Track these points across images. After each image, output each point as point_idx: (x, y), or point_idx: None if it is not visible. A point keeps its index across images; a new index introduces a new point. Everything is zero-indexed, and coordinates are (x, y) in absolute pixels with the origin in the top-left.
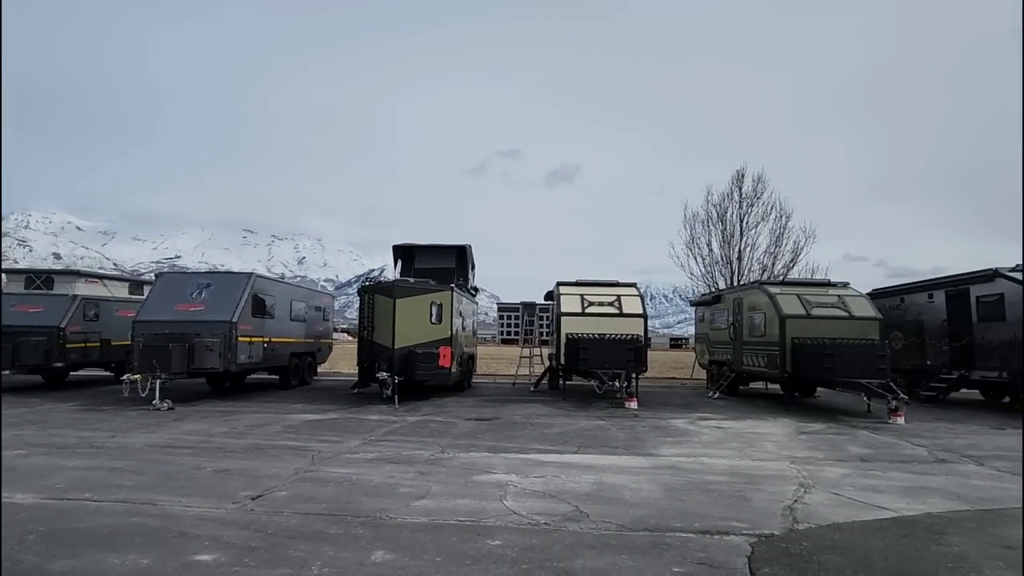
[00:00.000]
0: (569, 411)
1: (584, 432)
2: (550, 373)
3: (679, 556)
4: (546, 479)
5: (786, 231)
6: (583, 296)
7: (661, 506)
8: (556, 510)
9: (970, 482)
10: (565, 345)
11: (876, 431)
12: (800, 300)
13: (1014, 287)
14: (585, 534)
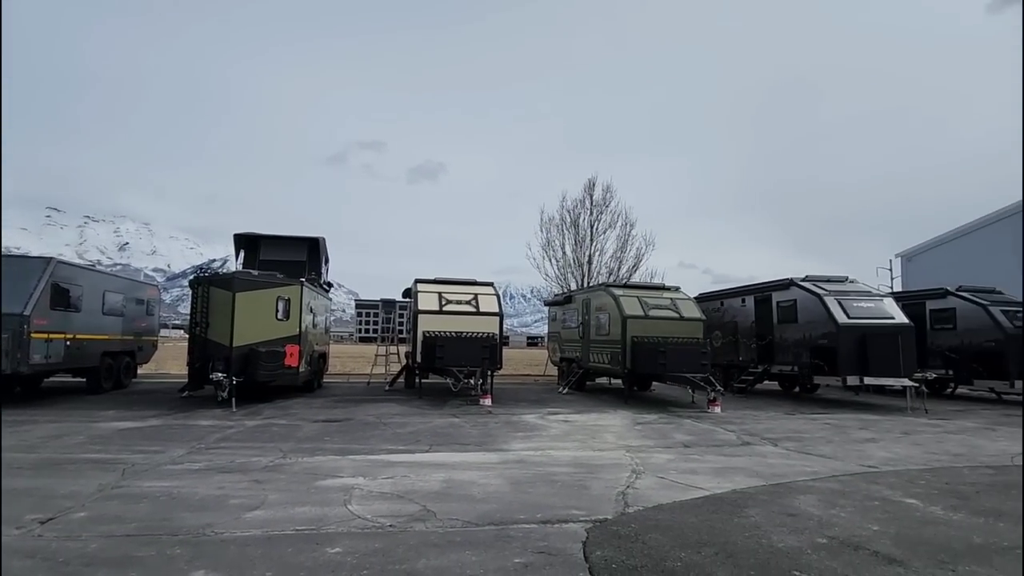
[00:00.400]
0: (424, 410)
1: (437, 430)
2: (406, 371)
3: (521, 547)
4: (395, 480)
5: (630, 238)
6: (441, 294)
7: (507, 500)
8: (403, 511)
9: (766, 461)
10: (422, 343)
11: (698, 419)
12: (640, 302)
13: (805, 294)
14: (431, 533)
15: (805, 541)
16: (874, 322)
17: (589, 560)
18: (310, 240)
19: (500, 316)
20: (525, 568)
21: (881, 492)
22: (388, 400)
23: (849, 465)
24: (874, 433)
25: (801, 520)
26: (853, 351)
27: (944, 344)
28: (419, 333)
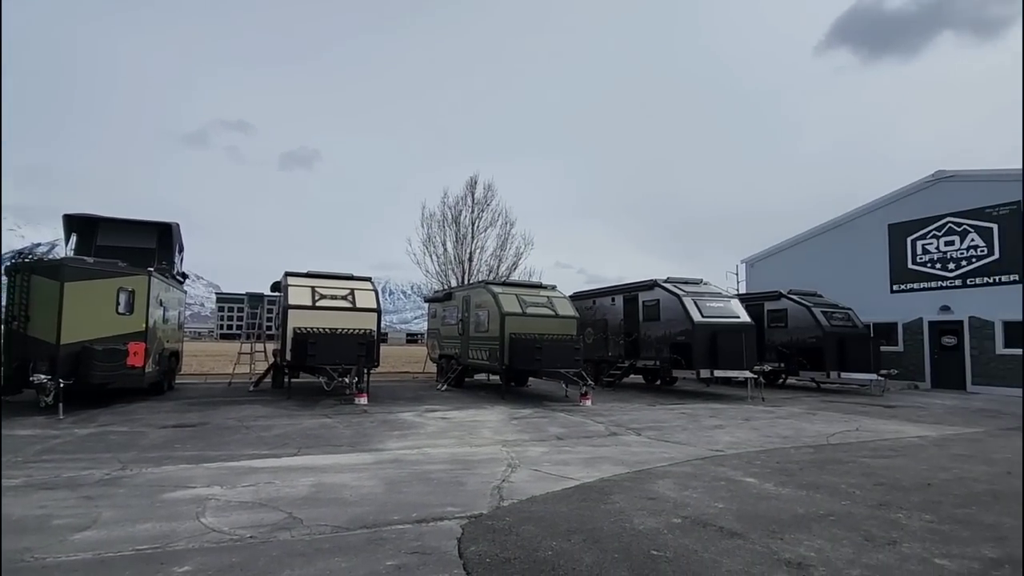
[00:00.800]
0: (293, 411)
1: (307, 432)
2: (274, 371)
3: (394, 549)
4: (257, 488)
5: (510, 237)
6: (314, 288)
7: (381, 501)
8: (266, 520)
9: (631, 449)
10: (292, 340)
11: (570, 413)
12: (518, 300)
13: (667, 294)
14: (297, 542)
15: (662, 522)
16: (723, 320)
17: (463, 556)
18: (161, 225)
19: (378, 312)
20: (398, 570)
21: (726, 473)
22: (252, 401)
23: (700, 450)
24: (721, 420)
25: (659, 503)
26: (706, 347)
27: (777, 340)
28: (289, 329)
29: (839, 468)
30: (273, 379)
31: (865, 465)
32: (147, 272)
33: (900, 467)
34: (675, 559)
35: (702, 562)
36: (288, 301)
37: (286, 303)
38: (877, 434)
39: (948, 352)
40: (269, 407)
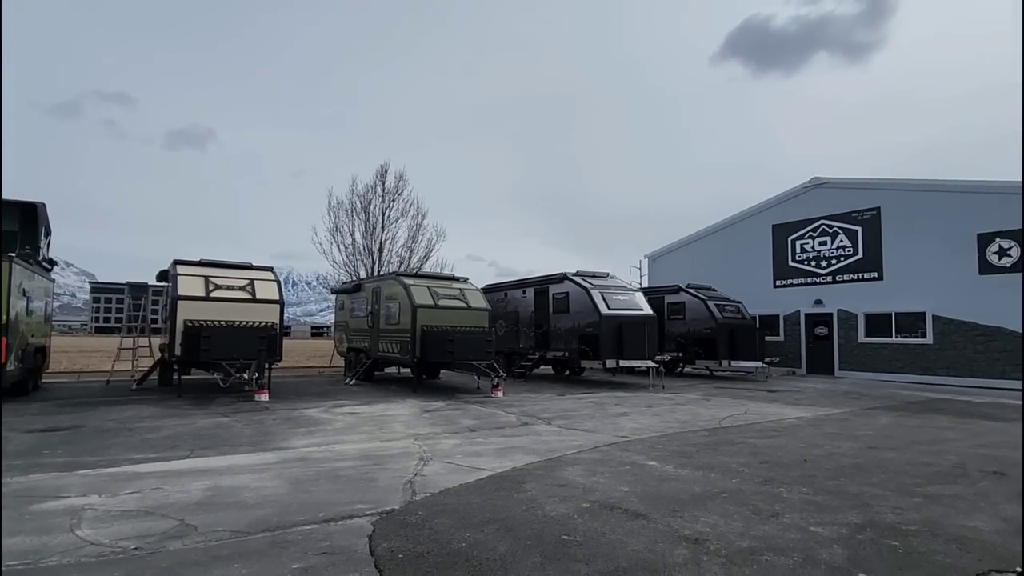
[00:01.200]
0: (184, 410)
1: (201, 432)
2: (161, 367)
3: (300, 551)
4: (142, 494)
5: (422, 228)
6: (208, 278)
7: (286, 502)
8: (154, 529)
9: (542, 439)
10: (183, 333)
11: (482, 404)
12: (430, 292)
13: (576, 287)
14: (190, 551)
15: (572, 508)
16: (628, 313)
17: (375, 554)
18: (24, 205)
19: (281, 304)
20: (305, 572)
21: (631, 458)
22: (136, 401)
23: (607, 437)
24: (626, 408)
25: (570, 489)
26: (612, 338)
27: (676, 331)
28: (179, 322)
29: (730, 449)
30: (160, 376)
31: (752, 445)
32: (8, 258)
33: (781, 446)
34: (585, 542)
35: (610, 543)
36: (177, 291)
37: (175, 293)
38: (762, 416)
39: (820, 341)
40: (156, 407)
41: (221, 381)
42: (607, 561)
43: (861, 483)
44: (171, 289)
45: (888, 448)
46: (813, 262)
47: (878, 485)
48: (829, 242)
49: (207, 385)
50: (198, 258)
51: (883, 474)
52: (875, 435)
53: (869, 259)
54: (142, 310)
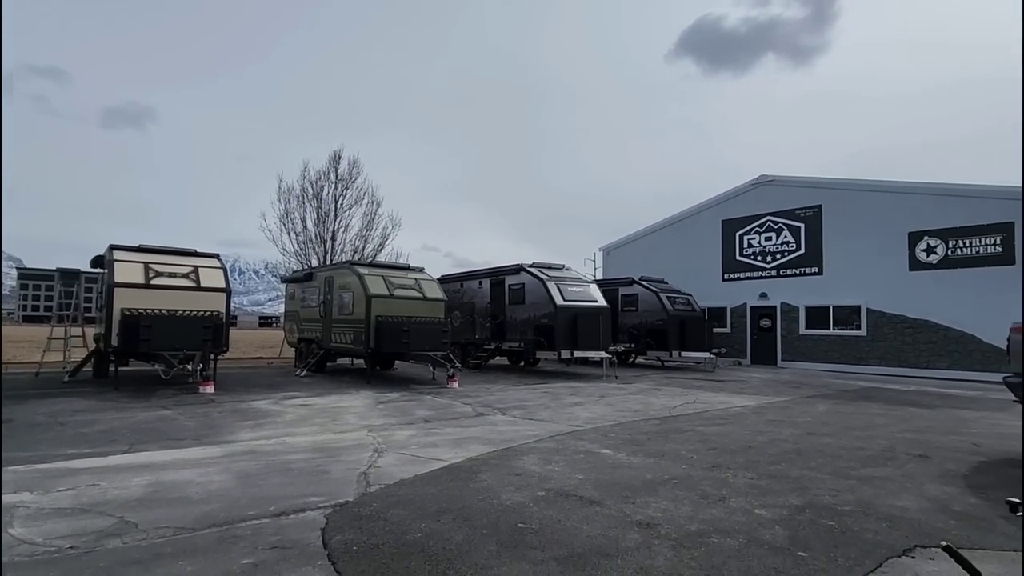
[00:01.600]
0: (122, 403)
1: (141, 426)
2: (96, 358)
3: (250, 546)
4: (78, 491)
5: (377, 217)
6: (148, 265)
7: (234, 496)
8: (91, 527)
9: (497, 428)
10: (120, 323)
11: (438, 395)
12: (385, 281)
13: (532, 279)
14: (131, 548)
15: (528, 496)
16: (583, 304)
17: (328, 546)
18: None
19: (227, 292)
20: (255, 568)
21: (585, 446)
22: (69, 394)
23: (562, 426)
24: (580, 398)
25: (525, 478)
26: (567, 329)
27: (629, 322)
28: (115, 311)
29: (680, 436)
30: (94, 368)
31: (701, 433)
32: None
33: (728, 433)
34: (540, 529)
35: (565, 530)
36: (114, 278)
37: (112, 280)
38: (710, 405)
39: (765, 333)
40: (90, 399)
41: (163, 373)
42: (562, 547)
43: (801, 467)
44: (107, 276)
45: (825, 434)
46: (759, 257)
47: (816, 469)
48: (774, 238)
49: (147, 377)
50: (137, 244)
51: (821, 458)
52: (813, 422)
53: (810, 255)
54: (74, 298)
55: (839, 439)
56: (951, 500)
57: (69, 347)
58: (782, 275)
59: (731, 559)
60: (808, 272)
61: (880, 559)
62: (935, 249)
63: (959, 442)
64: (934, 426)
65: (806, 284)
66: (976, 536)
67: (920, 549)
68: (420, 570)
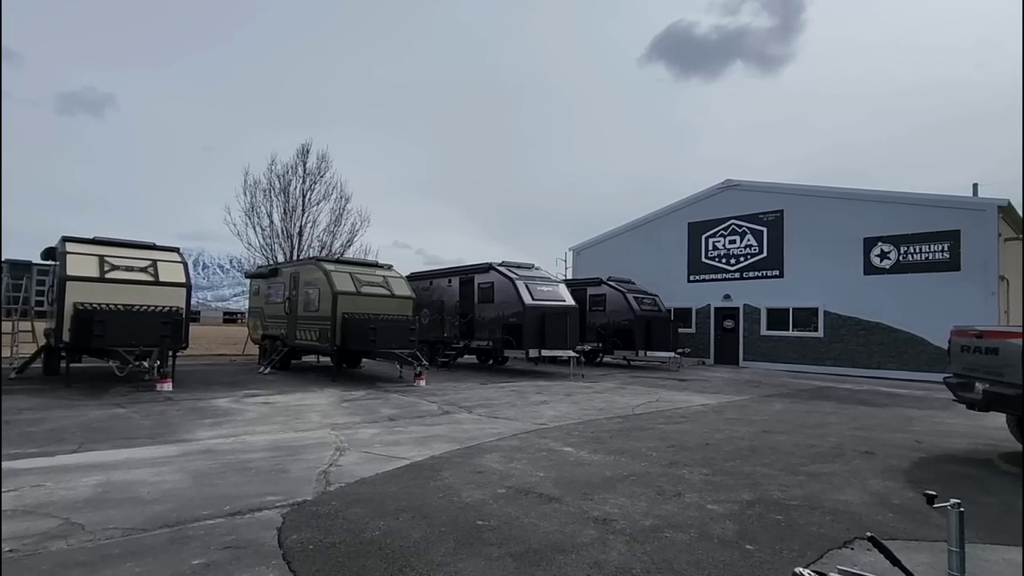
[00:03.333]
0: (72, 400)
1: (93, 424)
2: (46, 354)
3: (202, 546)
4: (20, 492)
5: (345, 212)
6: (103, 258)
7: (187, 496)
8: (33, 529)
9: (462, 427)
10: (72, 318)
11: (404, 393)
12: (352, 278)
13: (501, 278)
14: (75, 551)
15: (488, 493)
16: (551, 304)
17: (284, 546)
18: None
19: (187, 287)
20: (206, 568)
21: (548, 444)
22: (16, 391)
23: (526, 424)
24: (546, 396)
25: (487, 476)
26: (535, 328)
27: (597, 322)
28: (67, 305)
29: (641, 434)
30: (45, 364)
31: (661, 431)
32: None
33: (687, 431)
34: (498, 527)
35: (523, 526)
36: (67, 271)
37: (63, 274)
38: (672, 404)
39: (728, 333)
40: (39, 397)
41: (117, 370)
42: (519, 543)
43: (754, 464)
44: (59, 269)
45: (780, 432)
46: (723, 259)
47: (768, 465)
48: (738, 241)
49: (101, 374)
50: (92, 235)
51: (774, 455)
52: (770, 420)
53: (772, 258)
54: (23, 291)
55: (792, 436)
56: (891, 494)
57: (17, 342)
58: (745, 277)
59: (682, 552)
60: (770, 275)
61: (821, 550)
62: (888, 255)
63: (903, 439)
64: (881, 424)
65: (768, 286)
66: (911, 528)
67: (859, 541)
68: (376, 568)
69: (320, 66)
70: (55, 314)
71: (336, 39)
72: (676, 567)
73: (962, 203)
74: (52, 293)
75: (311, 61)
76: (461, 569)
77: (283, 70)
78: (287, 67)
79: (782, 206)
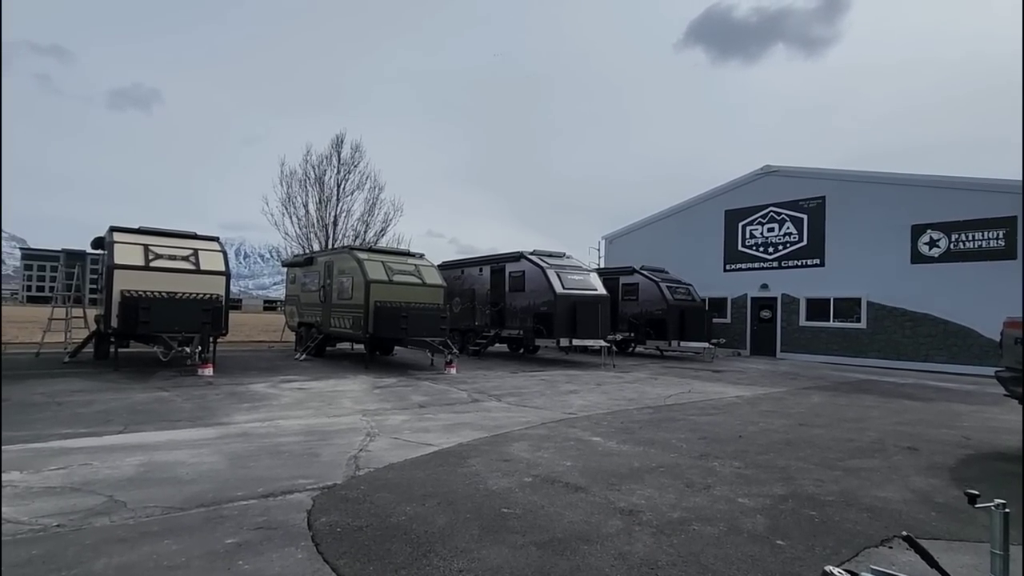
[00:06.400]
0: (120, 384)
1: (138, 407)
2: (96, 339)
3: (235, 526)
4: (69, 470)
5: (379, 202)
6: (148, 247)
7: (224, 477)
8: (80, 505)
9: (491, 415)
10: (120, 304)
11: (434, 381)
12: (384, 267)
13: (532, 266)
14: (118, 527)
15: (515, 482)
16: (582, 293)
17: (312, 528)
18: None
19: (227, 276)
20: (239, 548)
21: (576, 434)
22: (68, 374)
23: (555, 413)
24: (576, 386)
25: (513, 464)
26: (566, 317)
27: (629, 312)
28: (115, 292)
29: (672, 425)
30: (95, 349)
31: (693, 422)
32: None
33: (720, 423)
34: (523, 515)
35: (548, 515)
36: (114, 260)
37: (111, 262)
38: (705, 395)
39: (765, 324)
40: (89, 380)
41: (161, 355)
42: (543, 532)
43: (789, 457)
44: (107, 257)
45: (817, 425)
46: (761, 248)
47: (804, 459)
48: (777, 229)
49: (147, 359)
50: (138, 225)
51: (809, 449)
52: (807, 413)
53: (813, 246)
54: (76, 279)
55: (830, 430)
56: (934, 492)
57: (70, 328)
58: (783, 266)
59: (709, 546)
60: (810, 264)
61: (857, 548)
62: (938, 242)
63: (950, 435)
64: (927, 419)
65: (807, 276)
66: (955, 528)
67: (897, 540)
68: (401, 552)
69: (355, 58)
70: (104, 301)
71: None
72: (703, 560)
73: (1018, 188)
74: (101, 280)
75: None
76: (485, 556)
77: (319, 64)
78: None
79: (824, 192)
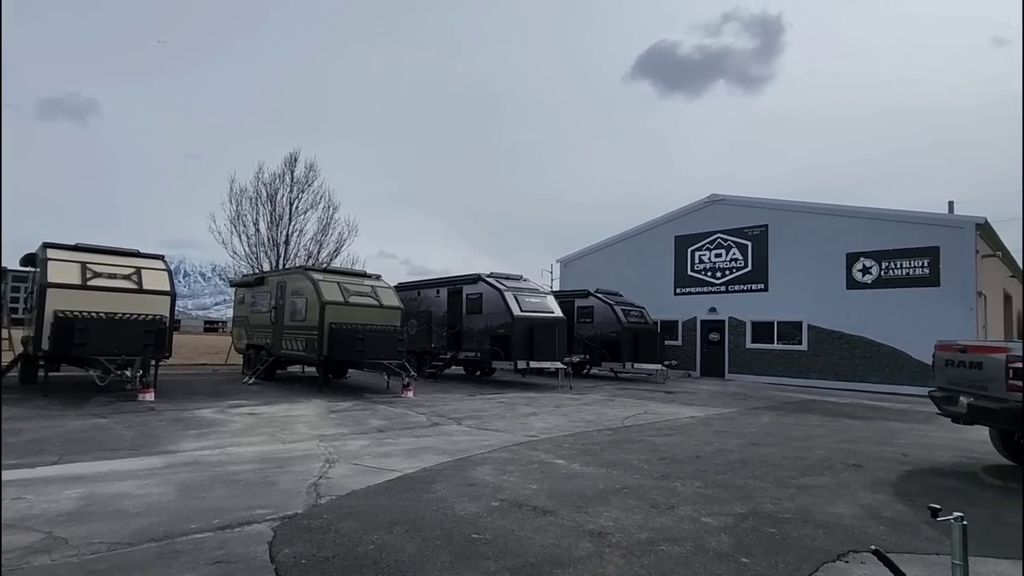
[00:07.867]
0: (51, 410)
1: (73, 435)
2: (24, 362)
3: (191, 561)
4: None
5: (333, 222)
6: (85, 265)
7: (175, 509)
8: (15, 543)
9: (452, 439)
10: (53, 326)
11: (392, 404)
12: (340, 288)
13: (489, 288)
14: (59, 566)
15: (482, 506)
16: (539, 315)
17: (276, 560)
18: None
19: (172, 296)
20: None
21: (539, 456)
22: None
23: (517, 436)
24: (535, 408)
25: (479, 488)
26: (523, 339)
27: (585, 334)
28: (47, 312)
29: (632, 446)
30: (21, 373)
31: (652, 443)
32: None
33: (678, 443)
34: (494, 540)
35: (518, 540)
36: (47, 278)
37: (44, 280)
38: (661, 416)
39: (713, 346)
40: (17, 407)
41: (98, 379)
42: (515, 557)
43: (745, 476)
44: (39, 276)
45: (768, 444)
46: (709, 272)
47: (759, 478)
48: (724, 254)
49: (81, 383)
50: (74, 242)
51: (764, 468)
52: (758, 432)
53: (757, 271)
54: (3, 298)
55: (781, 449)
56: (881, 507)
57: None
58: (730, 291)
59: (679, 566)
60: (755, 288)
61: (817, 564)
62: (870, 269)
63: (890, 452)
64: (867, 437)
65: (753, 300)
66: (902, 541)
67: (853, 554)
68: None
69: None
70: (34, 321)
71: (323, 50)
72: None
73: (942, 220)
74: (31, 300)
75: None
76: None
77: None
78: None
79: (766, 221)
